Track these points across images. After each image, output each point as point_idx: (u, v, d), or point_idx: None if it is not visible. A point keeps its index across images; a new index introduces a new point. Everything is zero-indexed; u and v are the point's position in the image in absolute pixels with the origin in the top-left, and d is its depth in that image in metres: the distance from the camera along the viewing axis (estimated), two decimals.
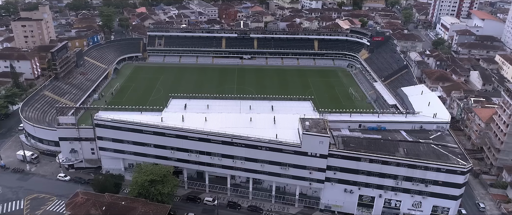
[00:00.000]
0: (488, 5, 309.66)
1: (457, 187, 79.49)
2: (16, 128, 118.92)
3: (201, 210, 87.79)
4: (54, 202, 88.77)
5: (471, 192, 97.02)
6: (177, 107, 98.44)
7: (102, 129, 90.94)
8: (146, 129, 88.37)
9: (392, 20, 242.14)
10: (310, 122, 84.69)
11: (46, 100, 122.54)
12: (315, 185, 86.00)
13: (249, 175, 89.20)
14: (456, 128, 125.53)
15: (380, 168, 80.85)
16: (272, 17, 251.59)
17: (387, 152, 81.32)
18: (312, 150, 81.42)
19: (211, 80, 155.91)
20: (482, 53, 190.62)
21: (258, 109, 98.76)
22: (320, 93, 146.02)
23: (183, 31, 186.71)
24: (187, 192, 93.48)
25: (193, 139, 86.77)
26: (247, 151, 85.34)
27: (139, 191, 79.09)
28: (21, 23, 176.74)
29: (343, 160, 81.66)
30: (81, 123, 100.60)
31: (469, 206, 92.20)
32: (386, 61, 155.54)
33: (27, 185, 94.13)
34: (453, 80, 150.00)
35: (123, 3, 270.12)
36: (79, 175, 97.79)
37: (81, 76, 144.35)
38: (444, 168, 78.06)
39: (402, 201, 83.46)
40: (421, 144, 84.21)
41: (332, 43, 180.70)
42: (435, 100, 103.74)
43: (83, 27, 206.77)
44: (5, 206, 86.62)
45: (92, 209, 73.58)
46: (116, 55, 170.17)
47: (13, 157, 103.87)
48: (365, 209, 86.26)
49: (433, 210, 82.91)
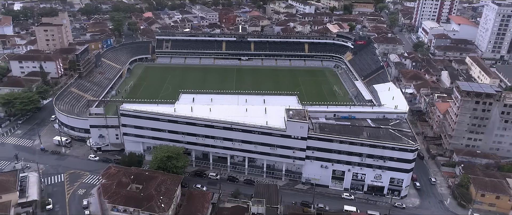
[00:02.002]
0: (470, 9, 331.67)
1: (408, 162, 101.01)
2: (48, 118, 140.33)
3: (206, 183, 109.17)
4: (88, 176, 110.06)
5: (427, 170, 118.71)
6: (186, 100, 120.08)
7: (126, 118, 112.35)
8: (162, 118, 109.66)
9: (378, 24, 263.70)
10: (293, 111, 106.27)
11: (73, 95, 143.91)
12: (298, 162, 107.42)
13: (245, 154, 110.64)
14: (423, 119, 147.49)
15: (348, 148, 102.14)
16: (268, 21, 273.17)
17: (354, 135, 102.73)
18: (295, 133, 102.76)
19: (213, 79, 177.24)
20: (456, 55, 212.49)
21: (252, 102, 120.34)
22: (309, 90, 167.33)
23: (188, 35, 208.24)
24: (195, 169, 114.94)
25: (200, 126, 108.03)
26: (243, 135, 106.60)
27: (158, 165, 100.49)
28: (43, 28, 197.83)
29: (319, 142, 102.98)
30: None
31: (423, 181, 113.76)
32: (367, 62, 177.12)
33: (64, 163, 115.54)
34: (425, 79, 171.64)
35: (131, 8, 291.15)
36: (106, 156, 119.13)
37: (100, 75, 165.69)
38: (397, 147, 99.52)
39: (366, 174, 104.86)
40: (381, 129, 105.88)
41: (320, 46, 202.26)
42: (398, 95, 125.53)
43: (96, 31, 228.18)
44: (49, 179, 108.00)
45: (123, 177, 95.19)
46: (128, 57, 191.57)
47: (50, 142, 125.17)
48: (338, 181, 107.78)
49: (391, 181, 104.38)
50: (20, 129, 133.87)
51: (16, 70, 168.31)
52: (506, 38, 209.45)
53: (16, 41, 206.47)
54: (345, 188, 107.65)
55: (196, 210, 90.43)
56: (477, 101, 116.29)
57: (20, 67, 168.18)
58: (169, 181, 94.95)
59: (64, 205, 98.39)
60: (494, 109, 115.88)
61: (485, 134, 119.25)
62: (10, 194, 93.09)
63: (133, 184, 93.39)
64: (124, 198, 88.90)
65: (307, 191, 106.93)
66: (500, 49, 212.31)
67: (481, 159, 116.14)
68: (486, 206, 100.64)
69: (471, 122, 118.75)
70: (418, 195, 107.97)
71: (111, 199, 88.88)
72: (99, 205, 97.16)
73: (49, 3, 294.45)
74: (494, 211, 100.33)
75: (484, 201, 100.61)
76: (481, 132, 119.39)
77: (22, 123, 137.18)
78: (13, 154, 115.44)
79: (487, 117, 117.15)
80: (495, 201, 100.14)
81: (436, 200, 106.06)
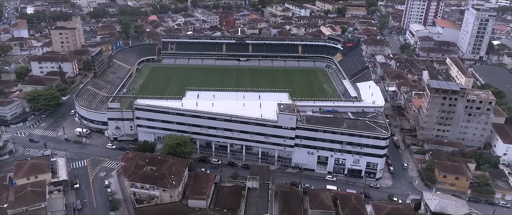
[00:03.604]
0: (458, 12, 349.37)
1: (382, 148, 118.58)
2: (68, 113, 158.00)
3: (209, 167, 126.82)
4: (107, 161, 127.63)
5: (401, 157, 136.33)
6: (192, 96, 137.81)
7: (140, 111, 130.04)
8: (171, 111, 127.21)
9: (369, 27, 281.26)
10: (284, 106, 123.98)
11: (90, 92, 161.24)
12: (288, 149, 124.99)
13: (243, 143, 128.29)
14: (402, 114, 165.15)
15: (330, 137, 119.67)
16: (266, 24, 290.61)
17: (336, 125, 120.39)
18: (285, 124, 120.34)
19: (215, 78, 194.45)
20: (439, 56, 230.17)
21: (249, 98, 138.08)
22: (301, 88, 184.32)
23: (191, 38, 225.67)
24: (199, 156, 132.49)
25: (203, 118, 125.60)
26: (241, 126, 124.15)
27: (169, 151, 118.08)
28: (59, 31, 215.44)
29: (306, 131, 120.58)
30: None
31: (397, 166, 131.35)
32: (354, 63, 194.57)
33: (86, 151, 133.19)
34: (406, 78, 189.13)
35: (136, 11, 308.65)
36: (121, 145, 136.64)
37: (112, 75, 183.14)
38: (372, 135, 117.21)
39: (346, 159, 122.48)
40: (359, 121, 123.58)
41: (313, 48, 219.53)
42: (377, 92, 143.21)
43: (105, 33, 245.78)
44: (74, 164, 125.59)
45: (139, 160, 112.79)
46: (136, 58, 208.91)
47: (72, 133, 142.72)
48: (322, 165, 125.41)
49: (367, 165, 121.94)
50: (44, 122, 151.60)
51: (36, 70, 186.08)
52: (484, 41, 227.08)
53: (33, 43, 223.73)
54: (328, 171, 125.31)
55: (202, 188, 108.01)
56: (444, 97, 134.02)
57: (39, 67, 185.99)
58: (178, 164, 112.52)
59: (89, 185, 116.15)
60: (459, 104, 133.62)
61: (452, 126, 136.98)
62: (44, 175, 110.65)
63: (148, 166, 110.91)
64: (142, 177, 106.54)
65: (296, 174, 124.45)
66: (479, 50, 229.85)
67: (447, 147, 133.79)
68: (448, 185, 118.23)
69: (440, 115, 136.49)
70: (391, 178, 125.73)
71: (131, 178, 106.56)
72: (119, 184, 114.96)
73: (59, 7, 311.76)
74: (454, 190, 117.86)
75: (445, 182, 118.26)
76: (449, 124, 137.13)
77: (45, 117, 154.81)
78: (41, 143, 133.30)
79: (453, 111, 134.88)
80: (455, 181, 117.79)
81: (406, 182, 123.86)
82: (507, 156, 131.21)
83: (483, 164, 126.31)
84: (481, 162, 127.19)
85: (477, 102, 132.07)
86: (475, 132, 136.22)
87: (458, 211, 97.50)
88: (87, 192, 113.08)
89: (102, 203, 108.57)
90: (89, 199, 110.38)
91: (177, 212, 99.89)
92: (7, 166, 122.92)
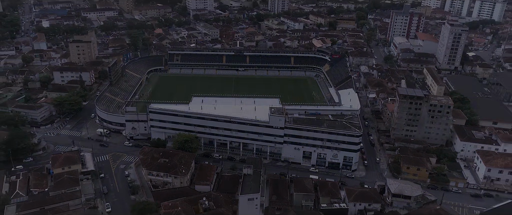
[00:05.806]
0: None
1: (355, 144, 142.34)
2: (89, 116, 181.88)
3: (212, 161, 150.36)
4: (125, 156, 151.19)
5: (375, 154, 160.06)
6: (197, 101, 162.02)
7: (153, 114, 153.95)
8: (180, 114, 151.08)
9: (357, 39, 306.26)
10: (275, 109, 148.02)
11: (107, 98, 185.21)
12: (278, 146, 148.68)
13: (240, 140, 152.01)
14: (379, 117, 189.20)
15: (313, 135, 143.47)
16: (262, 37, 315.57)
17: (318, 125, 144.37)
18: (275, 124, 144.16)
19: (216, 86, 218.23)
20: (417, 66, 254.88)
21: (246, 103, 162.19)
22: (292, 95, 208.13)
23: (194, 50, 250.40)
24: (203, 152, 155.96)
25: (207, 120, 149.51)
26: (239, 126, 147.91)
27: (178, 146, 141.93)
28: (76, 44, 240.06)
29: (293, 130, 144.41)
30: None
31: (371, 160, 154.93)
32: (339, 72, 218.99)
33: (107, 148, 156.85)
34: (385, 86, 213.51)
35: (143, 25, 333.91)
36: (137, 143, 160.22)
37: (125, 83, 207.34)
38: (347, 133, 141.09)
39: (327, 154, 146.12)
40: (337, 121, 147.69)
41: (304, 59, 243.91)
42: (354, 98, 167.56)
43: (116, 46, 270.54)
44: (97, 158, 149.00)
45: (154, 154, 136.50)
46: (146, 68, 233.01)
47: (94, 133, 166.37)
48: (307, 159, 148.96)
49: (344, 159, 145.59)
50: (69, 124, 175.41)
51: (57, 79, 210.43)
52: (458, 53, 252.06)
53: (52, 54, 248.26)
54: (312, 165, 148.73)
55: (206, 176, 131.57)
56: (411, 102, 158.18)
57: (61, 76, 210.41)
58: (186, 157, 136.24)
59: (112, 175, 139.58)
60: (423, 108, 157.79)
61: (418, 126, 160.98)
62: (76, 165, 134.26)
63: (162, 158, 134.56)
64: (157, 166, 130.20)
65: (284, 167, 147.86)
66: (454, 61, 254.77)
67: (414, 145, 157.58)
68: (411, 175, 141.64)
69: (408, 117, 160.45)
70: (365, 170, 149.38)
71: (148, 167, 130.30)
72: (137, 174, 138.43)
73: (72, 20, 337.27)
74: (416, 179, 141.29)
75: (409, 172, 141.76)
76: (415, 125, 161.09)
77: (69, 119, 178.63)
78: (68, 142, 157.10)
79: (419, 113, 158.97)
80: (417, 172, 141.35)
81: (377, 173, 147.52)
82: (464, 152, 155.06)
83: (442, 158, 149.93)
84: (441, 157, 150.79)
85: (438, 106, 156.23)
86: (437, 131, 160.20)
87: (412, 193, 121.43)
88: (110, 180, 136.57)
89: (124, 189, 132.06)
90: (113, 185, 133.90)
91: (186, 194, 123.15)
92: (42, 159, 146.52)
